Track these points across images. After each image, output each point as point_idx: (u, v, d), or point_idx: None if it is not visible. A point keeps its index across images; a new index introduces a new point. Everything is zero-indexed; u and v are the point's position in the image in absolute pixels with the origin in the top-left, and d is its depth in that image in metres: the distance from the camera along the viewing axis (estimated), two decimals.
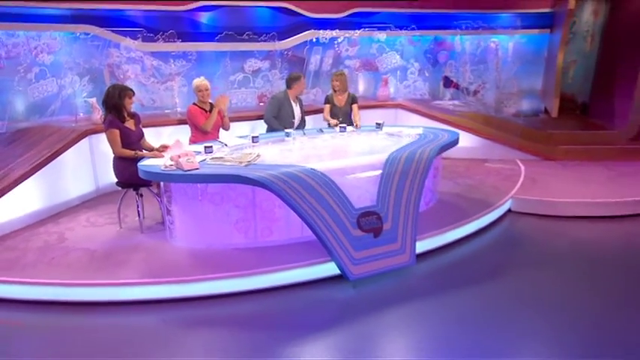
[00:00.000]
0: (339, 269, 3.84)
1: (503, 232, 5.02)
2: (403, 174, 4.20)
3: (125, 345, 3.19)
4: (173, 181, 4.05)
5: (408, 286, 3.92)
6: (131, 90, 4.51)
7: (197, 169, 3.93)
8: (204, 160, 4.22)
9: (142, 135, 4.67)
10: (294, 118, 5.75)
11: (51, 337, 3.31)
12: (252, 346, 3.16)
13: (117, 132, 4.33)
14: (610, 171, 6.27)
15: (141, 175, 4.07)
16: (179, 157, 3.95)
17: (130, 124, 4.51)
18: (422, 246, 4.34)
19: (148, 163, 4.15)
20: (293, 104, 5.78)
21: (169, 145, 4.37)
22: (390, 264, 3.97)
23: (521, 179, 5.98)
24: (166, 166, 3.99)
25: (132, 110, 4.61)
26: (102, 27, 6.06)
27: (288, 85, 5.73)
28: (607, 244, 4.68)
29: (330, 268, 3.92)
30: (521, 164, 6.61)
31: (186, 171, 3.86)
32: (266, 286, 3.81)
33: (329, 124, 5.89)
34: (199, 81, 5.13)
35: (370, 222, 3.96)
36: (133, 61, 6.41)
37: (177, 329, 3.37)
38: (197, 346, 3.17)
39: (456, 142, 5.09)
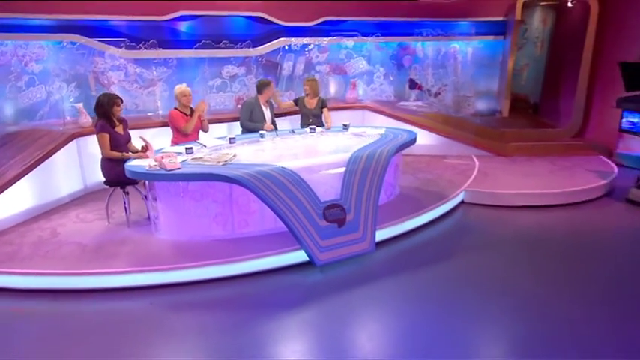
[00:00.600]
0: (308, 256, 4.20)
1: (455, 221, 5.43)
2: (364, 171, 4.58)
3: (117, 326, 3.50)
4: (157, 180, 4.34)
5: (369, 270, 4.28)
6: (120, 98, 4.78)
7: (179, 168, 4.22)
8: (185, 160, 4.50)
9: (130, 138, 4.94)
10: (265, 121, 6.05)
11: (49, 321, 3.57)
12: (231, 323, 3.51)
13: (107, 136, 4.59)
14: (553, 165, 6.74)
15: (128, 175, 4.35)
16: (162, 158, 4.24)
17: (119, 128, 4.78)
18: (382, 234, 4.72)
19: (135, 164, 4.42)
20: (264, 108, 6.06)
21: (150, 145, 4.66)
22: (353, 251, 4.36)
23: (474, 174, 6.40)
24: (151, 167, 4.28)
25: (121, 116, 4.87)
26: (87, 36, 6.22)
27: (259, 91, 6.02)
28: (545, 230, 5.12)
29: (299, 256, 4.27)
30: (475, 160, 7.03)
31: (169, 171, 4.16)
32: (243, 272, 4.14)
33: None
34: (183, 87, 5.40)
35: (335, 214, 4.33)
36: (116, 68, 6.59)
37: (164, 311, 3.68)
38: (182, 326, 3.49)
39: (413, 141, 5.46)
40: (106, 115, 4.61)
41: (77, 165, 5.81)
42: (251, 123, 5.97)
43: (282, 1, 7.35)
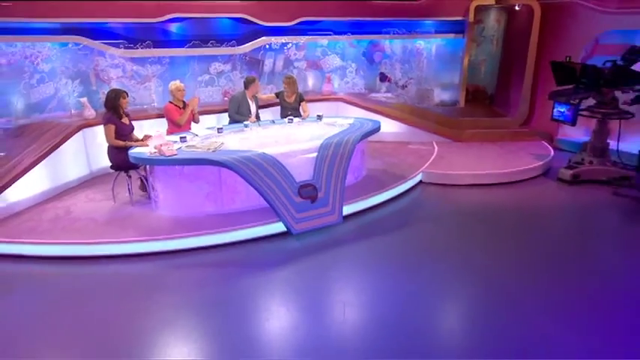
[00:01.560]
0: (286, 227, 4.84)
1: (413, 198, 6.08)
2: (334, 155, 5.20)
3: (128, 283, 4.11)
4: (157, 164, 4.90)
5: (337, 238, 4.91)
6: (126, 92, 5.29)
7: (175, 155, 4.79)
8: (180, 147, 5.06)
9: (133, 129, 5.46)
10: (250, 113, 6.60)
11: (70, 282, 4.15)
12: (223, 279, 4.14)
13: (113, 127, 5.11)
14: (501, 149, 7.43)
15: (132, 160, 4.91)
16: (161, 146, 4.82)
17: (125, 120, 5.30)
18: (349, 209, 5.36)
19: (137, 151, 4.97)
20: (250, 102, 6.60)
21: (151, 135, 5.21)
22: (324, 222, 5.01)
23: (433, 157, 7.04)
24: (151, 153, 4.84)
25: (127, 108, 5.38)
26: (90, 38, 6.65)
27: (246, 86, 6.54)
28: (487, 205, 5.80)
29: (279, 227, 4.89)
30: (435, 146, 7.65)
31: (167, 157, 4.73)
32: (231, 240, 4.75)
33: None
34: (177, 84, 5.91)
35: (308, 191, 4.96)
36: (115, 66, 7.07)
37: (166, 272, 4.29)
38: (182, 282, 4.11)
39: (377, 130, 6.09)
40: (115, 107, 5.13)
41: (84, 152, 6.31)
42: (238, 115, 6.51)
43: (264, 0, 7.76)
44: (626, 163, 6.36)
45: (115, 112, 5.14)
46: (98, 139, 6.16)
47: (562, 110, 6.32)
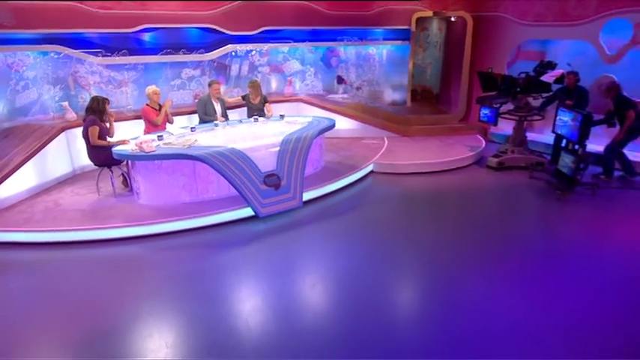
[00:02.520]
0: (253, 211, 5.41)
1: (365, 185, 6.75)
2: (294, 149, 5.80)
3: (117, 263, 4.60)
4: (138, 159, 5.35)
5: (298, 219, 5.52)
6: (108, 99, 5.76)
7: (154, 151, 5.29)
8: (158, 144, 5.56)
9: (112, 129, 5.91)
10: (216, 113, 7.07)
11: (65, 264, 4.58)
12: (200, 256, 4.69)
13: (97, 128, 5.54)
14: (441, 142, 8.22)
15: (115, 157, 5.36)
16: (141, 143, 5.31)
17: (106, 123, 5.75)
18: (308, 195, 5.98)
19: (120, 149, 5.43)
20: (214, 103, 7.06)
21: (127, 140, 5.68)
22: (286, 206, 5.61)
23: (383, 150, 7.75)
24: (133, 150, 5.32)
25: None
26: (70, 47, 6.97)
27: (209, 89, 7.08)
28: (427, 189, 6.55)
29: (247, 212, 5.45)
30: (386, 140, 8.35)
31: (147, 153, 5.22)
32: (206, 224, 5.28)
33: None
34: (154, 88, 6.38)
35: (272, 180, 5.55)
36: (93, 72, 7.41)
37: (150, 252, 4.79)
38: (164, 260, 4.63)
39: (332, 126, 6.72)
40: (99, 111, 5.56)
41: (67, 151, 6.66)
42: (206, 116, 7.01)
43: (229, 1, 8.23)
44: (540, 151, 7.27)
45: (99, 116, 5.57)
46: (79, 139, 6.53)
47: (486, 112, 7.19)
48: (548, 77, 6.71)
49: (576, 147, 5.91)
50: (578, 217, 5.57)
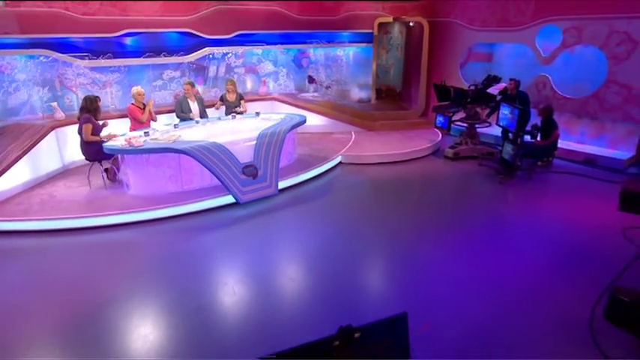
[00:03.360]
0: (234, 198, 5.88)
1: (334, 174, 7.28)
2: (269, 142, 6.29)
3: (112, 246, 5.00)
4: (128, 153, 5.74)
5: (274, 205, 6.01)
6: (99, 97, 6.11)
7: (142, 145, 5.70)
8: (146, 140, 5.96)
9: (104, 126, 6.25)
10: (191, 111, 7.42)
11: (62, 249, 4.94)
12: (186, 238, 5.13)
13: (90, 126, 5.89)
14: (402, 136, 8.84)
15: (107, 151, 5.73)
16: (130, 139, 5.70)
17: (99, 120, 6.10)
18: (284, 184, 6.47)
19: (111, 144, 5.80)
20: (190, 102, 7.42)
21: (116, 135, 6.05)
22: (263, 194, 6.10)
23: (350, 143, 8.31)
24: (123, 145, 5.71)
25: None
26: (57, 51, 7.21)
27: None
28: (389, 176, 7.14)
29: (228, 199, 5.91)
30: (353, 134, 8.90)
31: (136, 147, 5.62)
32: (191, 210, 5.71)
33: (217, 108, 7.92)
34: (139, 89, 6.74)
35: (250, 170, 6.02)
36: (79, 75, 7.69)
37: (142, 236, 5.19)
38: (156, 242, 5.05)
39: (303, 122, 7.23)
40: (93, 110, 5.92)
41: (56, 148, 6.94)
42: (183, 114, 7.35)
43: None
44: (491, 143, 8.00)
45: (93, 114, 5.93)
46: (68, 137, 6.87)
47: (441, 120, 7.87)
48: (493, 90, 7.44)
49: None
50: (516, 196, 6.29)
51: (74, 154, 6.98)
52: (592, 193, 6.21)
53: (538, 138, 6.93)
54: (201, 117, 7.45)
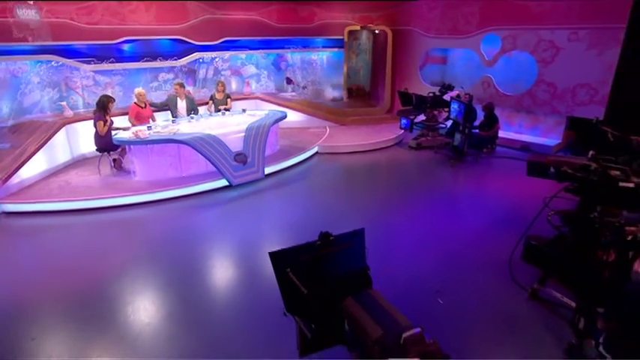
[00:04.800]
0: (227, 181, 6.60)
1: (311, 162, 8.07)
2: (256, 134, 7.02)
3: (125, 223, 5.67)
4: (135, 144, 6.37)
5: (262, 187, 6.76)
6: (113, 98, 6.70)
7: (147, 137, 6.36)
8: (150, 133, 6.61)
9: (112, 123, 6.87)
10: (177, 109, 8.02)
11: (85, 226, 5.57)
12: (188, 214, 5.84)
13: (102, 122, 6.51)
14: (370, 129, 9.67)
15: (115, 143, 6.37)
16: (137, 132, 6.36)
17: (109, 117, 6.71)
18: (269, 169, 7.19)
19: (120, 136, 6.43)
20: (179, 101, 8.03)
21: (127, 127, 6.69)
22: (252, 177, 6.84)
23: (325, 136, 9.09)
24: (130, 137, 6.36)
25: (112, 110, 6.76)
26: (65, 57, 7.75)
27: None
28: (359, 163, 7.98)
29: (222, 182, 6.61)
30: (327, 128, 9.67)
31: (142, 139, 6.28)
32: (190, 192, 6.40)
33: (209, 109, 8.52)
34: (140, 90, 7.36)
35: (240, 158, 6.75)
36: (84, 77, 8.25)
37: (150, 213, 5.86)
38: (162, 218, 5.73)
39: (284, 117, 7.98)
40: (105, 108, 6.53)
41: (67, 142, 7.50)
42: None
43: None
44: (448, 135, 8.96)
45: (104, 112, 6.55)
46: (77, 132, 7.45)
47: (404, 122, 8.76)
48: (447, 96, 8.39)
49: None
50: (464, 176, 7.24)
51: (82, 146, 7.55)
52: (525, 173, 7.19)
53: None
54: (190, 114, 8.01)
